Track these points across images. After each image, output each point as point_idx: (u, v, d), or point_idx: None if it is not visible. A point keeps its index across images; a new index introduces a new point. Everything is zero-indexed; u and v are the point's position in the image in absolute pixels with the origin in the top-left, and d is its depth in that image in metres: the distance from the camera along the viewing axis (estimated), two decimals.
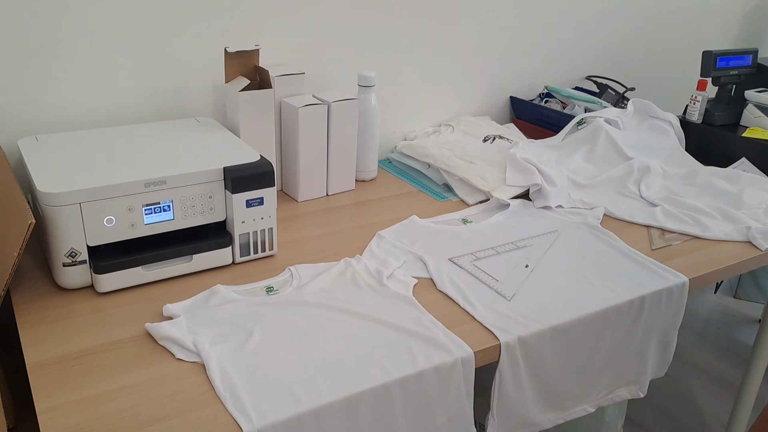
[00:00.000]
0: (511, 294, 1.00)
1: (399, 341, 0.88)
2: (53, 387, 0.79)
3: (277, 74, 1.26)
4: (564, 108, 1.69)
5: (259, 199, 1.04)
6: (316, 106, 1.26)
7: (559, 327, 0.94)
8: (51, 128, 1.17)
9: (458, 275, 1.05)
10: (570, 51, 1.80)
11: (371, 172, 1.43)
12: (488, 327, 0.92)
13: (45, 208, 0.92)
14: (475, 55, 1.63)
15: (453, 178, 1.37)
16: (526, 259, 1.11)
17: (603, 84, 1.77)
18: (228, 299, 0.96)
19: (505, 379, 0.92)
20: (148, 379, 0.81)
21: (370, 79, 1.35)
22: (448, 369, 0.85)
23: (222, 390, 0.78)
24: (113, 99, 1.22)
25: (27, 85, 1.13)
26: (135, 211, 0.96)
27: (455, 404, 0.87)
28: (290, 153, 1.30)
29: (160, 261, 1.00)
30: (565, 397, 1.00)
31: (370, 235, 1.17)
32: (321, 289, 0.99)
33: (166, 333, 0.86)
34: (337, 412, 0.78)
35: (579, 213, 1.28)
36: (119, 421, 0.74)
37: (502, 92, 1.73)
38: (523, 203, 1.30)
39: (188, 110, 1.29)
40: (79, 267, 0.96)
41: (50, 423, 0.74)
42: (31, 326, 0.90)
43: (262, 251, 1.08)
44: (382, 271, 1.02)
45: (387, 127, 1.55)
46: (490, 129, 1.55)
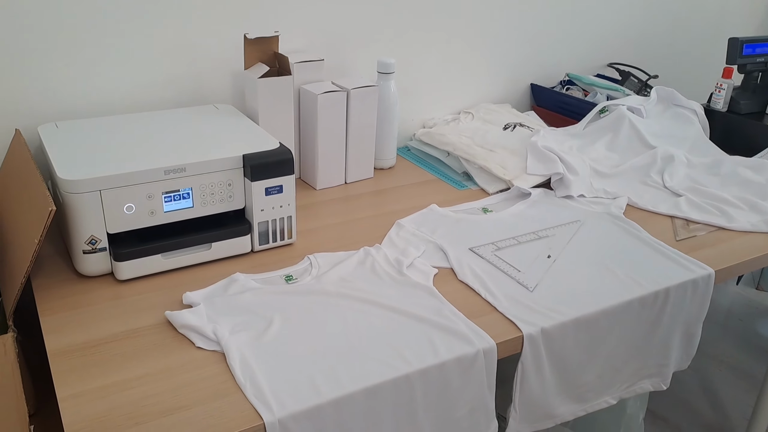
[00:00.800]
0: (533, 285, 0.99)
1: (420, 332, 0.87)
2: (74, 374, 0.79)
3: (296, 61, 1.25)
4: (586, 96, 1.66)
5: (278, 187, 1.03)
6: (336, 93, 1.25)
7: (582, 319, 0.93)
8: (71, 115, 1.17)
9: (479, 265, 1.03)
10: (592, 38, 1.77)
11: (390, 160, 1.42)
12: (510, 318, 0.91)
13: (65, 196, 0.91)
14: (496, 41, 1.60)
15: (473, 167, 1.35)
16: (548, 249, 1.09)
17: (626, 71, 1.74)
18: (247, 288, 0.95)
19: (527, 371, 0.91)
20: (168, 368, 0.81)
21: (389, 66, 1.33)
22: (470, 360, 0.84)
23: (242, 379, 0.78)
24: (133, 86, 1.21)
25: (47, 72, 1.13)
26: (154, 198, 0.95)
27: (477, 396, 0.87)
28: (309, 140, 1.29)
29: (179, 249, 1.00)
30: (587, 389, 0.99)
31: (389, 224, 1.16)
32: (340, 278, 0.98)
33: (186, 321, 0.86)
34: (358, 403, 0.78)
35: (601, 203, 1.26)
36: (139, 410, 0.74)
37: (523, 79, 1.71)
38: (544, 192, 1.29)
39: (207, 97, 1.29)
40: (99, 254, 0.95)
41: (71, 410, 0.74)
42: (52, 313, 0.90)
43: (281, 239, 1.07)
44: (402, 261, 1.01)
45: (406, 115, 1.54)
46: (511, 117, 1.53)
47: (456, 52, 1.55)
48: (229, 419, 0.73)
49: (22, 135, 1.08)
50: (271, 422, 0.73)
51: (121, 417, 0.73)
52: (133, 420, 0.73)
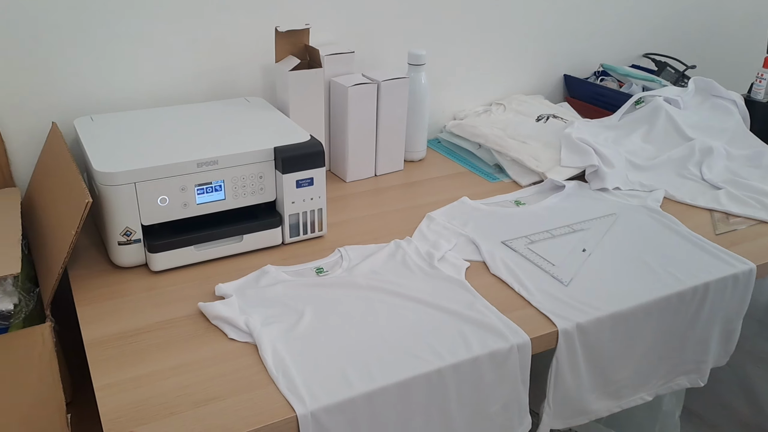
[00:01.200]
0: (568, 279, 0.97)
1: (452, 326, 0.86)
2: (110, 364, 0.80)
3: (327, 53, 1.25)
4: (621, 87, 1.63)
5: (309, 180, 1.03)
6: (366, 85, 1.24)
7: (619, 314, 0.91)
8: (106, 108, 1.18)
9: (512, 259, 1.02)
10: (627, 27, 1.74)
11: (420, 152, 1.41)
12: (545, 313, 0.90)
13: (101, 188, 0.92)
14: (528, 32, 1.58)
15: (505, 159, 1.34)
16: (583, 242, 1.07)
17: (662, 62, 1.70)
18: (278, 280, 0.95)
19: (562, 367, 0.89)
20: (202, 359, 0.81)
21: (420, 58, 1.32)
22: (504, 355, 0.83)
23: (274, 371, 0.78)
24: (166, 79, 1.22)
25: (83, 66, 1.14)
26: (187, 190, 0.96)
27: (510, 391, 0.86)
28: (339, 133, 1.28)
29: (212, 241, 1.00)
30: (623, 386, 0.97)
31: (419, 217, 1.15)
32: (371, 270, 0.98)
33: (218, 313, 0.86)
34: (390, 397, 0.77)
35: (637, 195, 1.24)
36: (173, 400, 0.75)
37: (556, 70, 1.68)
38: (578, 185, 1.26)
39: (238, 90, 1.29)
40: (133, 246, 0.96)
41: (107, 400, 0.75)
42: (88, 303, 0.91)
43: (312, 232, 1.07)
44: (433, 254, 1.01)
45: (437, 107, 1.52)
46: (544, 108, 1.51)
47: (488, 43, 1.53)
48: (262, 411, 0.73)
49: (58, 128, 1.10)
50: (303, 415, 0.72)
51: (156, 407, 0.74)
52: (168, 410, 0.73)
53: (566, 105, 1.61)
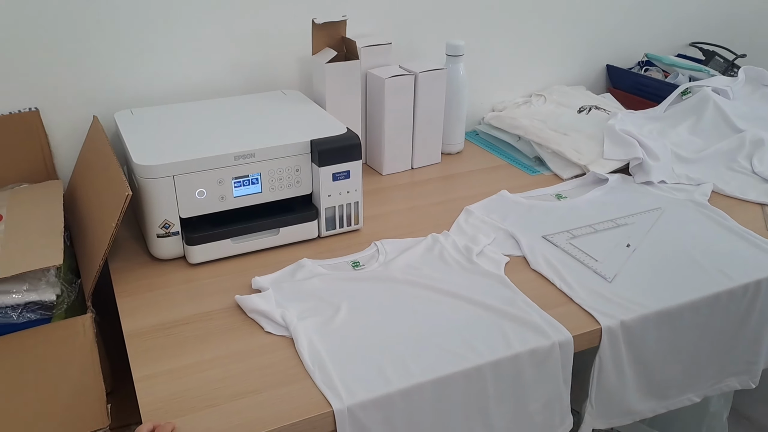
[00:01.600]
0: (611, 275, 0.95)
1: (491, 322, 0.85)
2: (149, 356, 0.80)
3: (363, 45, 1.23)
4: (666, 77, 1.58)
5: (346, 173, 1.02)
6: (403, 77, 1.22)
7: (665, 312, 0.88)
8: (145, 102, 1.19)
9: (553, 254, 1.00)
10: (673, 15, 1.69)
11: (458, 144, 1.39)
12: (588, 310, 0.87)
13: (140, 180, 0.93)
14: (569, 20, 1.54)
15: (545, 151, 1.31)
16: (627, 237, 1.04)
17: (710, 51, 1.65)
18: (314, 273, 0.94)
19: (605, 365, 0.87)
20: (238, 352, 0.81)
21: (458, 48, 1.30)
22: (545, 353, 0.81)
23: (311, 365, 0.77)
24: (203, 73, 1.23)
25: (122, 61, 1.15)
26: (225, 183, 0.96)
27: (551, 390, 0.83)
28: (375, 125, 1.27)
29: (248, 234, 1.00)
30: (669, 386, 0.94)
31: (457, 210, 1.13)
32: (408, 265, 0.97)
33: (255, 306, 0.86)
34: (428, 394, 0.76)
35: (684, 189, 1.20)
36: (211, 392, 0.75)
37: (598, 60, 1.64)
38: (622, 178, 1.23)
39: (275, 83, 1.29)
40: (172, 238, 0.97)
41: (146, 391, 0.75)
42: (128, 295, 0.92)
43: (348, 225, 1.06)
44: (472, 248, 0.99)
45: (475, 98, 1.50)
46: (585, 99, 1.48)
47: (527, 32, 1.50)
48: (298, 405, 0.73)
49: (99, 122, 1.11)
50: (340, 410, 0.72)
51: (194, 399, 0.74)
52: (206, 402, 0.73)
53: (609, 96, 1.57)
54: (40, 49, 1.09)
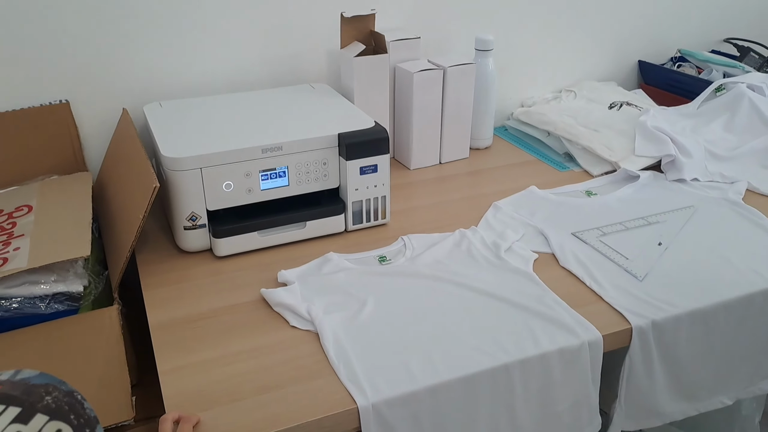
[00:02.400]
0: (642, 274, 0.93)
1: (519, 320, 0.83)
2: (174, 348, 0.81)
3: (392, 39, 1.22)
4: (699, 73, 1.55)
5: (373, 167, 1.01)
6: (432, 71, 1.21)
7: (697, 312, 0.86)
8: (174, 94, 1.19)
9: (583, 251, 0.98)
10: (706, 10, 1.65)
11: (486, 140, 1.37)
12: (618, 309, 0.85)
13: (168, 173, 0.93)
14: (601, 15, 1.52)
15: (575, 147, 1.29)
16: (658, 236, 1.02)
17: (745, 47, 1.61)
18: (341, 267, 0.94)
19: (635, 366, 0.85)
20: (264, 345, 0.81)
21: (488, 43, 1.29)
22: (574, 352, 0.79)
23: (336, 361, 0.77)
24: (232, 66, 1.22)
25: (152, 54, 1.16)
26: (252, 176, 0.96)
27: (580, 390, 0.82)
28: (404, 119, 1.26)
29: (275, 227, 1.00)
30: (700, 388, 0.92)
31: (485, 206, 1.12)
32: (435, 260, 0.96)
33: (280, 299, 0.86)
34: (454, 391, 0.75)
35: (718, 187, 1.17)
36: (236, 386, 0.74)
37: (630, 56, 1.61)
38: (653, 175, 1.21)
39: (303, 76, 1.28)
40: (198, 231, 0.97)
41: (171, 384, 0.75)
42: (154, 287, 0.92)
43: (375, 219, 1.06)
44: (500, 244, 0.97)
45: (504, 93, 1.48)
46: (617, 95, 1.45)
47: (558, 27, 1.48)
48: (323, 401, 0.72)
49: (128, 114, 1.11)
50: (364, 407, 0.71)
51: (218, 392, 0.74)
52: (231, 396, 0.73)
53: (641, 92, 1.54)
54: (71, 41, 1.10)
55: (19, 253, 0.87)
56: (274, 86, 1.26)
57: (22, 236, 0.91)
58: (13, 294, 0.85)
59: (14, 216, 0.97)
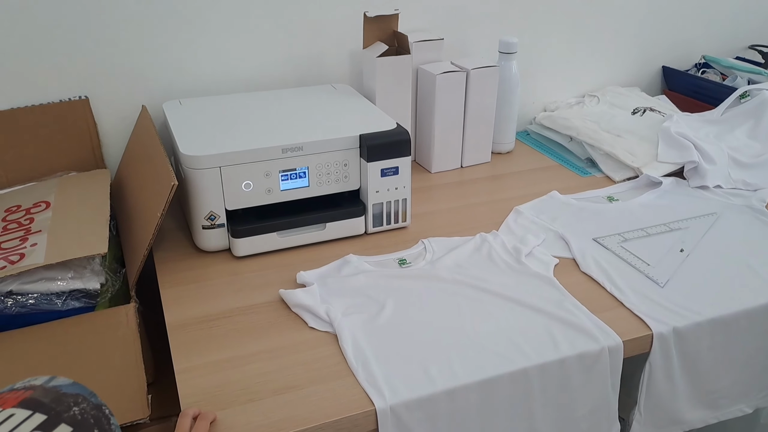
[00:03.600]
0: (664, 280, 0.91)
1: (539, 324, 0.82)
2: (191, 347, 0.80)
3: (415, 40, 1.22)
4: (724, 80, 1.53)
5: (394, 169, 1.01)
6: (455, 73, 1.20)
7: (719, 319, 0.85)
8: (194, 92, 1.20)
9: (604, 257, 0.97)
10: (731, 16, 1.63)
11: (508, 144, 1.36)
12: (639, 315, 0.84)
13: (187, 171, 0.93)
14: (625, 20, 1.50)
15: (598, 153, 1.27)
16: (680, 242, 1.00)
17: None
18: (360, 270, 0.93)
19: (655, 373, 0.84)
20: (282, 346, 0.80)
21: (512, 46, 1.28)
22: (594, 358, 0.78)
23: (354, 362, 0.76)
24: (254, 65, 1.22)
25: (172, 50, 1.16)
26: (272, 176, 0.95)
27: (599, 396, 0.81)
28: (425, 122, 1.25)
29: (294, 228, 0.99)
30: (721, 396, 0.90)
31: (506, 210, 1.11)
32: (455, 264, 0.95)
33: (299, 301, 0.85)
34: (473, 395, 0.74)
35: (741, 195, 1.15)
36: (253, 386, 0.74)
37: (654, 62, 1.59)
38: (676, 182, 1.19)
39: (325, 77, 1.28)
40: (217, 230, 0.97)
41: (187, 383, 0.75)
42: (172, 286, 0.92)
43: (395, 222, 1.05)
44: (521, 249, 0.96)
45: (527, 98, 1.47)
46: (640, 101, 1.43)
47: (582, 32, 1.47)
48: (341, 403, 0.72)
49: (148, 111, 1.12)
50: (382, 409, 0.70)
51: (235, 392, 0.73)
52: (247, 396, 0.73)
53: (664, 98, 1.52)
54: (91, 38, 1.10)
55: (36, 249, 0.87)
56: (296, 86, 1.26)
57: (40, 232, 0.91)
58: (29, 290, 0.85)
59: (32, 212, 0.97)
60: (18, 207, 1.00)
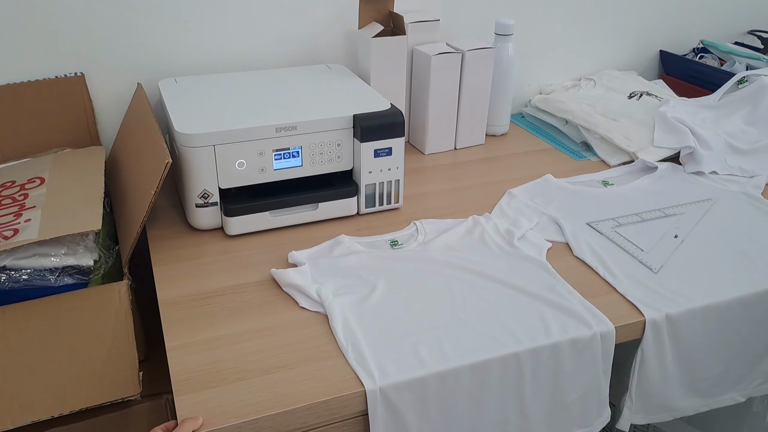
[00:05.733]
0: (657, 266, 0.91)
1: (531, 308, 0.82)
2: (182, 325, 0.80)
3: (411, 21, 1.21)
4: (722, 65, 1.52)
5: (388, 150, 1.00)
6: (450, 54, 1.19)
7: (713, 306, 0.85)
8: (189, 70, 1.18)
9: (597, 241, 0.97)
10: (730, 1, 1.62)
11: (503, 126, 1.36)
12: (631, 300, 0.84)
13: (181, 149, 0.92)
14: (623, 4, 1.49)
15: (593, 136, 1.27)
16: (675, 228, 1.00)
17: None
18: (352, 250, 0.93)
19: (647, 359, 0.84)
20: (272, 326, 0.80)
21: (508, 28, 1.27)
22: (585, 343, 0.78)
23: (344, 343, 0.76)
24: (249, 44, 1.21)
25: (168, 28, 1.15)
26: (265, 155, 0.95)
27: (590, 381, 0.81)
28: (420, 103, 1.24)
29: (287, 207, 0.99)
30: (713, 384, 0.91)
31: (500, 193, 1.10)
32: (447, 246, 0.95)
33: (290, 280, 0.85)
34: (463, 378, 0.74)
35: (737, 181, 1.15)
36: (243, 365, 0.74)
37: (651, 45, 1.58)
38: (672, 167, 1.19)
39: (320, 57, 1.27)
40: (210, 208, 0.96)
41: (178, 360, 0.75)
42: (164, 263, 0.92)
43: (388, 203, 1.05)
44: (513, 232, 0.96)
45: (522, 80, 1.46)
46: (637, 85, 1.43)
47: (579, 14, 1.46)
48: (330, 383, 0.72)
49: (143, 89, 1.11)
50: (372, 390, 0.71)
51: (225, 370, 0.73)
52: (237, 374, 0.73)
53: (661, 82, 1.51)
54: (88, 14, 1.09)
55: (30, 225, 0.86)
56: (291, 66, 1.25)
57: (34, 208, 0.91)
58: (23, 265, 0.85)
59: (26, 188, 0.97)
60: (12, 183, 0.99)
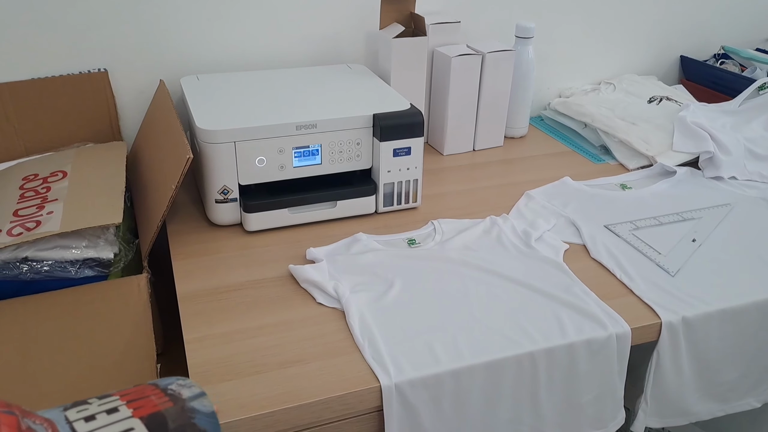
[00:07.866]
0: (675, 269, 0.91)
1: (547, 308, 0.82)
2: (200, 319, 0.81)
3: (432, 22, 1.21)
4: (743, 71, 1.51)
5: (407, 149, 1.01)
6: (470, 56, 1.20)
7: (730, 310, 0.85)
8: (212, 68, 1.20)
9: (615, 244, 0.96)
10: (752, 7, 1.60)
11: (522, 128, 1.36)
12: (648, 303, 0.84)
13: (202, 145, 0.93)
14: (644, 8, 1.48)
15: (612, 140, 1.27)
16: (693, 232, 1.00)
17: None
18: (369, 248, 0.94)
19: (663, 362, 0.84)
20: (289, 320, 0.81)
21: (529, 30, 1.27)
22: (601, 344, 0.78)
23: (360, 339, 0.77)
24: (271, 43, 1.22)
25: (192, 26, 1.16)
26: (285, 153, 0.96)
27: (605, 382, 0.81)
28: (439, 104, 1.25)
29: (306, 204, 1.00)
30: (729, 388, 0.90)
31: (517, 195, 1.10)
32: (464, 246, 0.95)
33: (308, 276, 0.86)
34: (478, 376, 0.74)
35: (756, 187, 1.14)
36: (260, 359, 0.75)
37: (672, 51, 1.57)
38: (690, 171, 1.18)
39: (341, 56, 1.28)
40: (230, 204, 0.97)
41: (196, 353, 0.76)
42: (184, 258, 0.93)
43: (406, 203, 1.05)
44: (530, 233, 0.96)
45: (542, 83, 1.46)
46: (657, 89, 1.42)
47: (600, 19, 1.45)
48: (346, 379, 0.72)
49: (165, 86, 1.12)
50: (387, 386, 0.71)
51: (242, 364, 0.74)
52: (254, 368, 0.74)
53: (681, 88, 1.51)
54: (113, 12, 1.11)
55: (52, 217, 0.88)
56: (312, 65, 1.26)
57: (56, 201, 0.92)
58: (44, 257, 0.86)
59: (49, 181, 0.98)
60: (36, 176, 1.00)
